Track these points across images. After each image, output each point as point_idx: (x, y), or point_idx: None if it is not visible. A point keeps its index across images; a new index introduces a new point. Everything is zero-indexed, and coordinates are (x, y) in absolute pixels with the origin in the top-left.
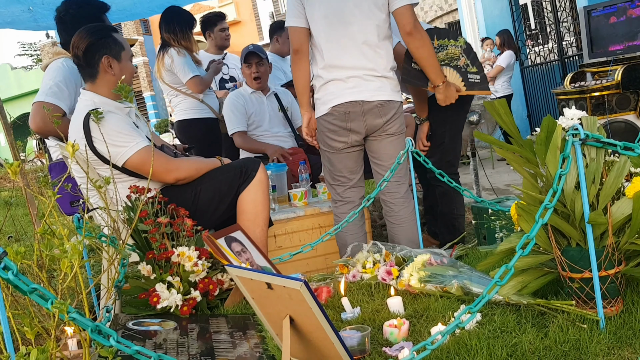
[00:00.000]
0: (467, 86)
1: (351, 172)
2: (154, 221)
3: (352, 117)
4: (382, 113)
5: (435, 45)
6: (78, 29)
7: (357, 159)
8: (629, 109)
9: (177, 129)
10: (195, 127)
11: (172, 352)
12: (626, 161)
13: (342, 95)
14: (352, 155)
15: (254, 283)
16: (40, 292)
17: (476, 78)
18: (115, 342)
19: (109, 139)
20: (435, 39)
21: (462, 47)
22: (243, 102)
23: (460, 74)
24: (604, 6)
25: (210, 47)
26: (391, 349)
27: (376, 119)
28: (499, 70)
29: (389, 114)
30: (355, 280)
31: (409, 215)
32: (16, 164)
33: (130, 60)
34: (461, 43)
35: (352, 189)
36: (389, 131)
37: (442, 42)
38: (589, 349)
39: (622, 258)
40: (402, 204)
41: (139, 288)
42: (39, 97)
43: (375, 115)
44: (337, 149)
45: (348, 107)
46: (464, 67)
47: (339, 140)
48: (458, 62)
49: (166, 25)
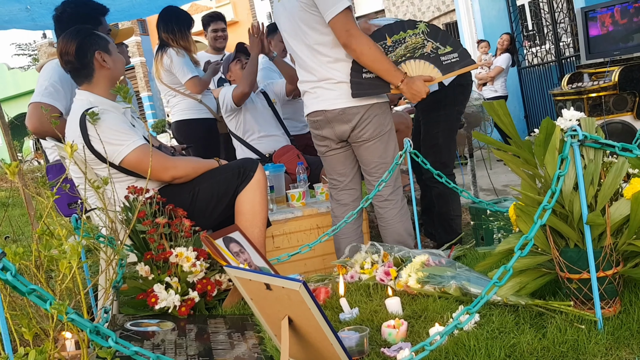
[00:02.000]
0: (443, 70)
1: (340, 175)
2: (152, 222)
3: (321, 125)
4: (345, 119)
5: (390, 44)
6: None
7: (344, 161)
8: (626, 110)
9: (175, 129)
10: (194, 127)
11: (170, 352)
12: (624, 162)
13: (310, 105)
14: (336, 157)
15: (252, 284)
16: (39, 292)
17: (453, 57)
18: (114, 342)
19: (106, 137)
20: (388, 38)
21: (424, 33)
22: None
23: (431, 61)
24: (601, 7)
25: (208, 47)
26: (390, 350)
27: (342, 126)
28: (499, 71)
29: (354, 120)
30: (353, 280)
31: (394, 217)
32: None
33: (118, 52)
34: (422, 28)
35: (344, 191)
36: (362, 137)
37: (398, 37)
38: (587, 350)
39: (620, 259)
40: (386, 206)
41: (137, 289)
42: (35, 97)
43: (340, 122)
44: (321, 152)
45: (316, 115)
46: (432, 52)
47: (320, 145)
48: (424, 49)
49: (164, 25)
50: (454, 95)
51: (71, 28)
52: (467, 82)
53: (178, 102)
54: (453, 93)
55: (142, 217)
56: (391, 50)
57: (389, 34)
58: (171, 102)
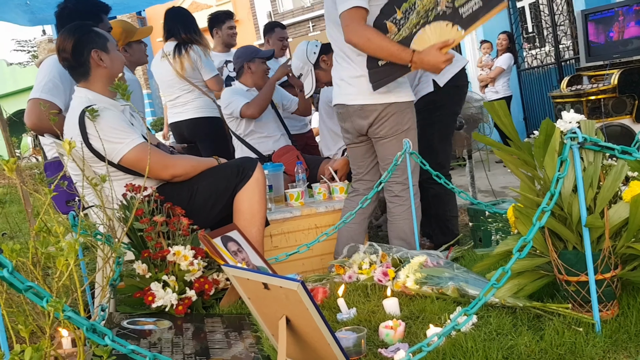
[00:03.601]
0: (465, 24)
1: (359, 167)
2: (149, 220)
3: (343, 117)
4: (363, 115)
5: (400, 16)
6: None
7: (364, 154)
8: (625, 113)
9: (187, 126)
10: (209, 124)
11: (166, 351)
12: (624, 165)
13: (335, 97)
14: (357, 150)
15: (250, 283)
16: (36, 290)
17: (474, 3)
18: (111, 341)
19: (104, 135)
20: (398, 10)
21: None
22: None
23: (449, 19)
24: (601, 10)
25: (216, 45)
26: (387, 350)
27: (360, 121)
28: (500, 72)
29: (371, 117)
30: (351, 281)
31: (401, 214)
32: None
33: (117, 50)
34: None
35: (360, 181)
36: (379, 134)
37: (407, 5)
38: (585, 353)
39: (618, 262)
40: (395, 202)
41: (134, 287)
42: (34, 93)
43: (358, 117)
44: (346, 143)
45: (339, 108)
46: (448, 6)
47: (345, 136)
48: (437, 8)
49: (184, 27)
50: (449, 96)
51: (71, 24)
52: (463, 83)
53: (194, 98)
54: (448, 94)
55: (140, 215)
56: (403, 22)
57: (397, 4)
58: (183, 99)
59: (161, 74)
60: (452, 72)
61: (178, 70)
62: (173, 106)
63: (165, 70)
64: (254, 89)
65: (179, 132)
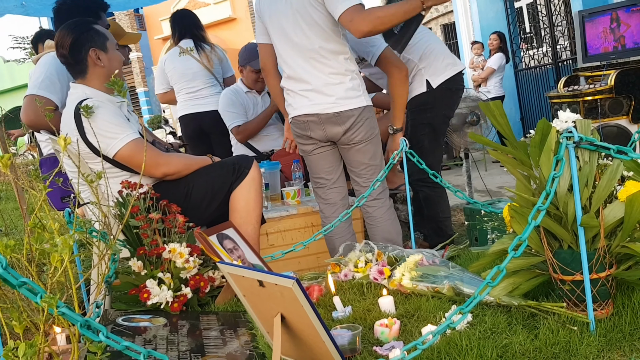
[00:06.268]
0: None
1: (327, 173)
2: (145, 217)
3: (311, 127)
4: (339, 122)
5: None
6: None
7: (331, 159)
8: (622, 113)
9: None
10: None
11: (161, 348)
12: (619, 165)
13: (300, 107)
14: (324, 155)
15: (245, 280)
16: (30, 286)
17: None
18: (105, 337)
19: (100, 130)
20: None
21: None
22: (239, 98)
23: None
24: (598, 11)
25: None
26: (382, 349)
27: (335, 128)
28: (490, 72)
29: (348, 122)
30: (347, 279)
31: (383, 216)
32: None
33: (116, 49)
34: None
35: (332, 189)
36: (354, 140)
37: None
38: (579, 351)
39: (613, 261)
40: (375, 205)
41: (129, 284)
42: (31, 90)
43: (333, 124)
44: (307, 151)
45: (307, 117)
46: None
47: (306, 144)
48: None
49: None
50: (441, 98)
51: (72, 20)
52: (457, 87)
53: (217, 92)
54: (440, 96)
55: (135, 212)
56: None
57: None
58: (206, 92)
59: (184, 67)
60: (447, 75)
61: (205, 63)
62: (193, 98)
63: (190, 64)
64: (254, 90)
65: (198, 123)
